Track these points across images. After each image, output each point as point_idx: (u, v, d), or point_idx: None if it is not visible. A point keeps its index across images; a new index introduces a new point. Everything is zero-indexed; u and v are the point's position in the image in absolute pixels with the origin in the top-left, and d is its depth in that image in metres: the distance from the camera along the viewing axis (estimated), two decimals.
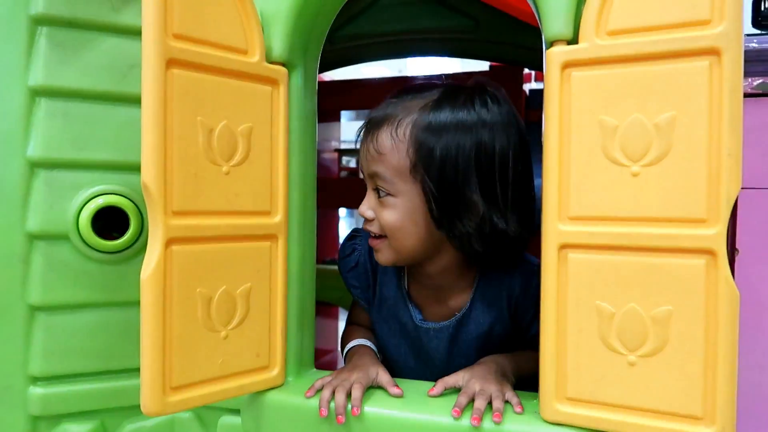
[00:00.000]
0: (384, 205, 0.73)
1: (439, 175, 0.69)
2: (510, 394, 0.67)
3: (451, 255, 0.77)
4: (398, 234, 0.73)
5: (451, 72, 2.07)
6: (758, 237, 1.03)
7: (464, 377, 0.70)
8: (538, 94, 1.89)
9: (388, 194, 0.73)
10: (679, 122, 0.58)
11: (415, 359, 0.85)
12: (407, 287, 0.84)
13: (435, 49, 1.72)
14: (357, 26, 1.57)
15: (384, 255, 0.76)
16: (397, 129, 0.71)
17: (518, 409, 0.65)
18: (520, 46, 1.58)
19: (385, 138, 0.72)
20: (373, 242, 0.77)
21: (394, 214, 0.72)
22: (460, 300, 0.80)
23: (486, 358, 0.74)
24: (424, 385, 0.73)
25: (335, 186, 2.06)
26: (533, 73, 2.08)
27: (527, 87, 1.92)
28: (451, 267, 0.78)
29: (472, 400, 0.66)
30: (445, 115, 0.71)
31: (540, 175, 0.66)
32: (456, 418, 0.64)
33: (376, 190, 0.74)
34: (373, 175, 0.74)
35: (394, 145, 0.71)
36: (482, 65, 1.86)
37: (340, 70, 1.76)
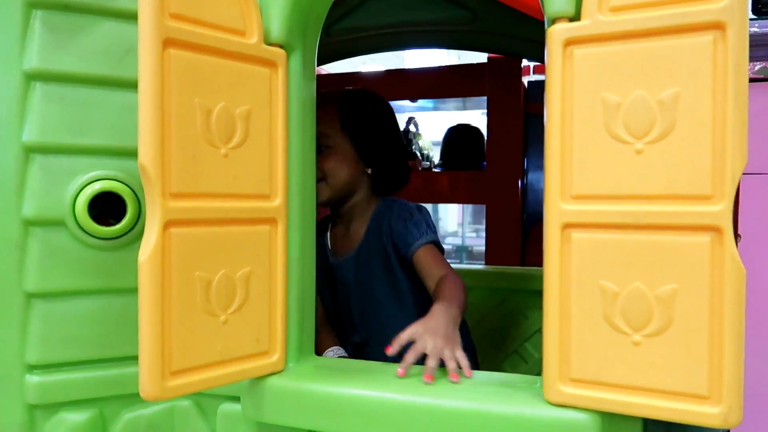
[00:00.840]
0: (324, 156, 1.04)
1: (359, 131, 1.06)
2: (460, 354, 0.73)
3: (361, 192, 1.08)
4: (334, 172, 1.04)
5: (447, 65, 2.07)
6: (760, 222, 1.03)
7: (417, 330, 0.75)
8: (536, 87, 1.89)
9: (327, 147, 1.04)
10: (683, 98, 0.58)
11: (336, 298, 1.10)
12: (330, 240, 1.13)
13: (432, 41, 1.71)
14: (354, 19, 1.56)
15: (323, 194, 1.03)
16: (330, 104, 1.08)
17: (468, 374, 0.71)
18: (518, 37, 1.57)
19: (324, 111, 1.03)
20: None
21: (332, 160, 1.04)
22: (361, 230, 1.08)
23: (436, 309, 0.82)
24: (415, 368, 0.73)
25: None
26: (532, 65, 2.07)
27: (526, 79, 1.91)
28: (360, 203, 1.08)
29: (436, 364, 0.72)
30: (359, 97, 1.12)
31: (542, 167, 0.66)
32: (401, 377, 0.69)
33: (318, 147, 0.98)
34: (318, 136, 0.97)
35: (330, 113, 1.06)
36: (480, 57, 1.85)
37: (338, 63, 1.75)
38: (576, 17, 0.62)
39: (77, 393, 0.78)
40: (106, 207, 0.78)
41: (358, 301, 1.07)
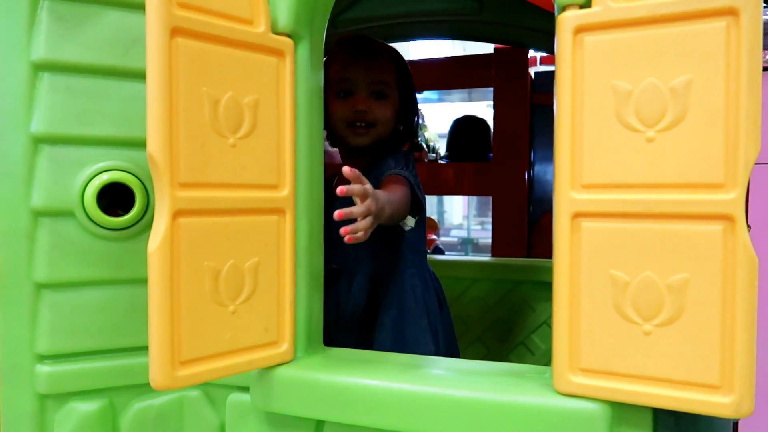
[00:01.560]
0: (380, 104, 1.08)
1: (406, 91, 1.14)
2: (365, 224, 0.77)
3: (386, 144, 1.13)
4: (386, 122, 1.09)
5: (453, 55, 2.05)
6: None
7: (371, 191, 0.78)
8: (543, 77, 1.88)
9: (387, 97, 1.08)
10: (696, 85, 0.57)
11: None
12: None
13: (439, 31, 1.70)
14: (360, 9, 1.55)
15: (366, 138, 1.08)
16: (387, 57, 1.14)
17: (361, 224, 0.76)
18: (525, 27, 1.56)
19: (382, 62, 1.12)
20: (362, 130, 1.08)
21: (387, 110, 1.09)
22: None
23: (383, 191, 0.91)
24: (418, 360, 0.73)
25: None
26: (538, 56, 2.06)
27: (533, 70, 1.90)
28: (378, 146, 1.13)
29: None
30: (404, 61, 1.17)
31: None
32: (338, 194, 0.71)
33: (373, 94, 1.08)
34: (377, 82, 1.08)
35: (389, 66, 1.12)
36: (486, 48, 1.84)
37: None
38: (587, 4, 0.61)
39: (87, 383, 0.78)
40: (115, 197, 0.78)
41: (335, 229, 1.09)
